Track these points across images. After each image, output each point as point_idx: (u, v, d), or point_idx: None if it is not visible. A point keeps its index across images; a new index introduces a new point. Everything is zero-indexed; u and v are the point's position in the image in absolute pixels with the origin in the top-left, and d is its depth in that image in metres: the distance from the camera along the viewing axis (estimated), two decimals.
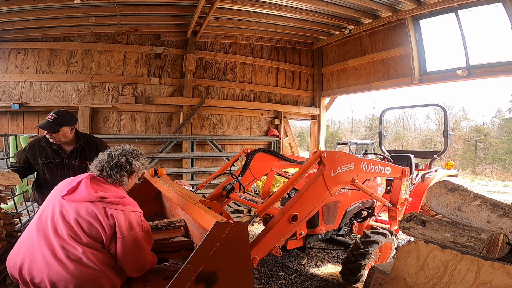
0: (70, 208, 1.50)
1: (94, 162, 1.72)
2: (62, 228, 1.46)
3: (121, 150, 1.76)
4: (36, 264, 1.42)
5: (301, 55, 8.05)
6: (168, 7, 5.36)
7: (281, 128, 7.59)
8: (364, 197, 3.07)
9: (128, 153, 1.76)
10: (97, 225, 1.47)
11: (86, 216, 1.47)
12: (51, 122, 2.43)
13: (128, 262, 1.54)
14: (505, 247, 1.76)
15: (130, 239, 1.52)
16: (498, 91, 48.18)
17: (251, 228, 4.45)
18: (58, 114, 2.46)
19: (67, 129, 2.50)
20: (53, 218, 1.50)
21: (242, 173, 3.08)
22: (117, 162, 1.68)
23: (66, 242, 1.43)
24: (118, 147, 1.80)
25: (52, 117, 2.43)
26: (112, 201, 1.52)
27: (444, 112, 4.15)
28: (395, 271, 1.92)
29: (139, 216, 1.61)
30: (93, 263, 1.43)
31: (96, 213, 1.48)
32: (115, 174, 1.67)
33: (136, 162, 1.76)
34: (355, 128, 35.87)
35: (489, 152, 21.89)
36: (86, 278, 1.41)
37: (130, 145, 1.84)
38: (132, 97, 6.17)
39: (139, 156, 1.81)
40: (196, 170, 6.54)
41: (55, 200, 1.57)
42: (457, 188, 2.19)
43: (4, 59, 5.43)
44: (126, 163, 1.71)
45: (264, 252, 2.07)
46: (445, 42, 5.60)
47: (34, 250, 1.45)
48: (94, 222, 1.47)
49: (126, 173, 1.71)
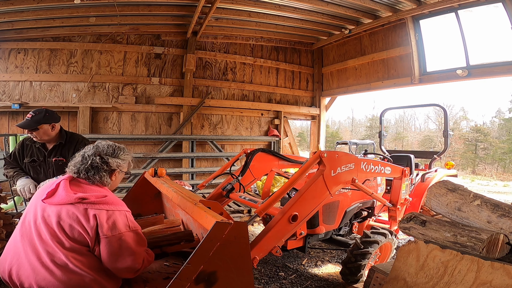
0: (51, 212, 1.42)
1: (70, 164, 1.62)
2: (45, 233, 1.39)
3: (94, 149, 1.63)
4: (24, 269, 1.37)
5: (301, 55, 8.05)
6: (168, 7, 5.36)
7: (281, 128, 7.59)
8: (364, 197, 3.07)
9: (103, 151, 1.64)
10: (79, 227, 1.39)
11: (67, 219, 1.40)
12: (29, 121, 2.45)
13: (115, 264, 1.44)
14: (505, 247, 1.76)
15: (115, 240, 1.42)
16: (498, 91, 48.23)
17: (251, 228, 4.45)
18: (36, 112, 2.49)
19: (47, 127, 2.50)
20: (35, 222, 1.44)
21: (242, 173, 3.08)
22: (92, 164, 1.57)
23: (50, 247, 1.37)
24: (92, 145, 1.68)
25: (30, 116, 2.46)
26: (93, 201, 1.43)
27: (444, 112, 4.15)
28: (395, 271, 1.92)
29: (125, 215, 1.51)
30: (80, 268, 1.37)
31: (77, 215, 1.40)
32: (93, 176, 1.57)
33: (114, 159, 1.64)
34: (355, 128, 35.87)
35: (489, 152, 21.89)
36: (75, 284, 1.35)
37: (107, 141, 1.72)
38: (132, 97, 6.17)
39: (116, 152, 1.68)
40: (196, 170, 6.54)
41: (36, 204, 1.50)
42: (457, 188, 2.19)
43: (4, 59, 5.43)
44: (102, 163, 1.59)
45: (264, 252, 2.07)
46: (445, 42, 5.61)
47: (20, 255, 1.41)
48: (76, 225, 1.39)
49: (106, 172, 1.60)
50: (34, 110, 2.52)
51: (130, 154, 1.80)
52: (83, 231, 1.40)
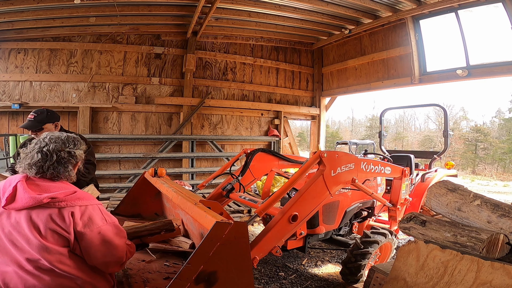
0: (19, 218, 1.30)
1: (23, 163, 1.43)
2: (20, 241, 1.28)
3: (54, 144, 1.46)
4: (11, 278, 1.28)
5: (301, 55, 8.05)
6: (168, 7, 5.36)
7: (281, 128, 7.59)
8: (364, 197, 3.07)
9: (65, 144, 1.49)
10: (56, 228, 1.30)
11: (41, 222, 1.29)
12: (33, 121, 2.45)
13: (100, 260, 1.38)
14: (505, 247, 1.76)
15: (94, 235, 1.35)
16: (498, 91, 48.18)
17: (251, 228, 4.45)
18: (38, 112, 2.49)
19: (50, 126, 2.52)
20: (3, 231, 1.31)
21: (242, 173, 3.08)
22: (59, 159, 1.43)
23: (30, 254, 1.27)
24: (45, 140, 1.48)
25: (32, 116, 2.46)
26: (63, 199, 1.32)
27: (444, 112, 4.15)
28: (395, 271, 1.92)
29: (98, 208, 1.42)
30: (67, 272, 1.30)
31: (51, 216, 1.29)
32: (61, 171, 1.43)
33: (78, 151, 1.52)
34: (355, 128, 35.87)
35: (489, 152, 21.89)
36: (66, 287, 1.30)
37: (54, 133, 1.55)
38: (132, 97, 6.17)
39: (76, 143, 1.54)
40: (196, 170, 6.54)
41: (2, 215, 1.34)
42: (457, 188, 2.19)
43: (4, 59, 5.43)
44: (69, 156, 1.47)
45: (264, 252, 2.07)
46: (445, 42, 5.60)
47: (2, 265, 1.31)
48: (52, 226, 1.29)
49: (72, 166, 1.49)
50: (35, 110, 2.51)
51: (84, 144, 1.63)
52: (62, 231, 1.30)
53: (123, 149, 6.09)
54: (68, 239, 1.32)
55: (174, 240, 2.24)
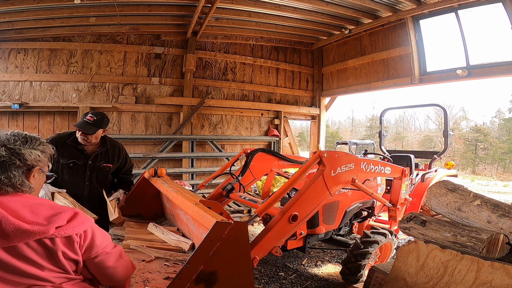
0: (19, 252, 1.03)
1: None
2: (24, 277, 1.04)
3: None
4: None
5: (301, 55, 8.05)
6: (168, 7, 5.36)
7: (281, 128, 7.59)
8: (364, 197, 3.07)
9: (8, 141, 1.11)
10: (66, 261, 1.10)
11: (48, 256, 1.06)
12: (90, 124, 2.39)
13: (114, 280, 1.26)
14: (505, 247, 1.76)
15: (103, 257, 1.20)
16: (498, 91, 48.20)
17: (251, 228, 4.46)
18: (98, 116, 2.44)
19: (100, 132, 2.49)
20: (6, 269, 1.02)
21: (242, 173, 3.08)
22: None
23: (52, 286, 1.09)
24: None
25: (91, 119, 2.40)
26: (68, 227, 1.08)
27: (444, 112, 4.15)
28: (395, 271, 1.92)
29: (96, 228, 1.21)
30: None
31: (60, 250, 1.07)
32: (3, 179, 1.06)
33: (29, 150, 1.13)
34: (355, 128, 35.87)
35: (489, 152, 21.89)
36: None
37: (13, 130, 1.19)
38: (132, 97, 6.17)
39: (30, 141, 1.16)
40: (196, 170, 6.54)
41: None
42: (457, 188, 2.19)
43: (4, 59, 5.43)
44: (11, 155, 1.08)
45: (264, 252, 2.07)
46: (445, 42, 5.61)
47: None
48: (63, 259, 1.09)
49: (18, 170, 1.09)
50: (94, 112, 2.47)
51: (49, 146, 1.25)
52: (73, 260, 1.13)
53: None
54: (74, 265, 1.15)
55: (174, 240, 2.24)
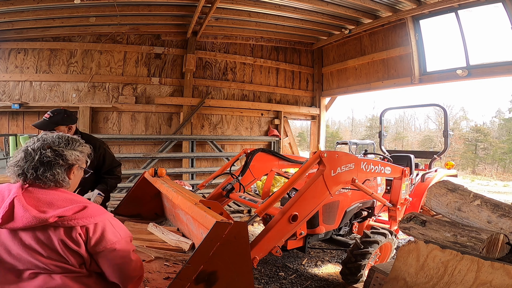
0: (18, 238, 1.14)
1: (10, 164, 1.27)
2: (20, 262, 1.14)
3: (41, 142, 1.28)
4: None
5: (301, 55, 8.05)
6: (168, 7, 5.36)
7: (281, 128, 7.59)
8: (364, 197, 3.07)
9: (54, 143, 1.28)
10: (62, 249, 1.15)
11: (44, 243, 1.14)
12: (47, 121, 2.36)
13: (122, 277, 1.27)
14: (505, 247, 1.76)
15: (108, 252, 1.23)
16: (498, 91, 48.19)
17: (251, 228, 4.45)
18: (55, 113, 2.39)
19: (63, 128, 2.42)
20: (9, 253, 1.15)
21: (242, 173, 3.08)
22: (41, 159, 1.22)
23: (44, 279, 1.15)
24: (36, 138, 1.31)
25: (48, 116, 2.37)
26: (72, 217, 1.15)
27: (444, 112, 4.15)
28: (395, 271, 1.92)
29: (110, 223, 1.27)
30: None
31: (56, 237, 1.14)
32: (43, 174, 1.21)
33: (70, 151, 1.31)
34: (355, 128, 35.87)
35: (489, 152, 21.90)
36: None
37: (54, 132, 1.41)
38: (132, 97, 6.17)
39: (71, 143, 1.34)
40: (196, 170, 6.54)
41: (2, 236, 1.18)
42: (457, 188, 2.19)
43: (4, 59, 5.43)
44: (55, 156, 1.25)
45: (264, 252, 2.07)
46: (445, 42, 5.60)
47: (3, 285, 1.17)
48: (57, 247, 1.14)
49: (61, 168, 1.26)
50: (53, 110, 2.42)
51: (87, 146, 1.44)
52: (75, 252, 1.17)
53: (123, 149, 6.09)
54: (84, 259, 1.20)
55: (174, 240, 2.25)
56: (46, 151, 1.25)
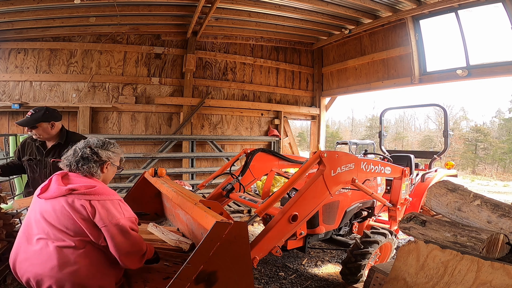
0: (47, 207, 1.49)
1: (63, 158, 1.70)
2: (44, 227, 1.46)
3: (85, 143, 1.72)
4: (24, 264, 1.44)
5: (301, 55, 8.05)
6: (168, 7, 5.36)
7: (281, 128, 7.59)
8: (364, 197, 3.07)
9: (93, 144, 1.72)
10: (75, 218, 1.44)
11: (61, 212, 1.45)
12: (28, 118, 2.44)
13: (122, 252, 1.49)
14: (505, 247, 1.76)
15: (114, 228, 1.47)
16: (498, 91, 48.20)
17: (251, 228, 4.45)
18: (36, 110, 2.47)
19: (46, 125, 2.47)
20: (35, 219, 1.50)
21: (242, 173, 3.08)
22: (82, 155, 1.65)
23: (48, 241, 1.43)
24: (83, 140, 1.76)
25: (30, 114, 2.45)
26: (82, 192, 1.48)
27: (444, 112, 4.15)
28: (395, 271, 1.92)
29: (117, 203, 1.56)
30: (78, 261, 1.41)
31: (69, 207, 1.45)
32: (82, 166, 1.63)
33: (104, 151, 1.71)
34: (355, 128, 35.87)
35: (489, 152, 21.90)
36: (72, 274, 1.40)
37: (99, 137, 1.81)
38: (132, 97, 6.17)
39: (106, 145, 1.75)
40: (196, 170, 6.54)
41: (34, 201, 1.58)
42: (457, 188, 2.19)
43: (4, 59, 5.43)
44: (92, 153, 1.66)
45: (264, 252, 2.07)
46: (445, 42, 5.60)
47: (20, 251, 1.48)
48: (72, 216, 1.44)
49: (95, 163, 1.66)
50: (35, 108, 2.50)
51: (121, 149, 1.84)
52: (78, 221, 1.44)
53: (123, 149, 5.98)
54: (86, 230, 1.45)
55: (174, 240, 2.24)
56: (86, 149, 1.67)
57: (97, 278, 1.45)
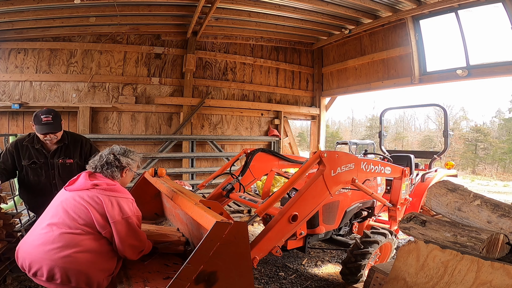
0: (69, 196, 1.73)
1: (90, 162, 1.95)
2: (59, 213, 1.67)
3: (110, 150, 1.99)
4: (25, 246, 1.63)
5: (301, 55, 8.05)
6: (168, 7, 5.35)
7: (281, 128, 7.59)
8: (364, 197, 3.07)
9: (116, 151, 1.98)
10: (90, 209, 1.66)
11: (79, 202, 1.68)
12: (53, 123, 2.41)
13: (126, 244, 1.69)
14: (505, 247, 1.76)
15: (124, 222, 1.69)
16: (498, 91, 48.19)
17: (251, 228, 4.46)
18: (52, 113, 2.44)
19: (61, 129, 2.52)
20: (55, 205, 1.75)
21: (242, 173, 3.08)
22: (107, 160, 1.91)
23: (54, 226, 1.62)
24: (108, 148, 2.01)
25: (50, 118, 2.40)
26: (104, 188, 1.73)
27: (444, 112, 4.15)
28: (395, 271, 1.92)
29: (131, 202, 1.79)
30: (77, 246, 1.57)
31: (90, 199, 1.68)
32: (106, 170, 1.89)
33: (124, 158, 1.96)
34: (355, 128, 35.86)
35: (489, 152, 21.89)
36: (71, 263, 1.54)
37: (121, 146, 2.06)
38: (132, 97, 6.17)
39: (127, 153, 2.01)
40: (196, 170, 6.54)
41: (61, 193, 1.82)
42: (457, 188, 2.19)
43: (4, 59, 5.43)
44: (114, 159, 1.92)
45: (264, 252, 2.07)
46: (445, 42, 5.60)
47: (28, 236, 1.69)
48: (87, 206, 1.66)
49: (117, 168, 1.91)
50: (48, 110, 2.45)
51: (139, 156, 2.12)
52: (93, 213, 1.66)
53: None
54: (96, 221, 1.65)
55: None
56: (110, 156, 1.94)
57: (90, 267, 1.58)
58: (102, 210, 1.67)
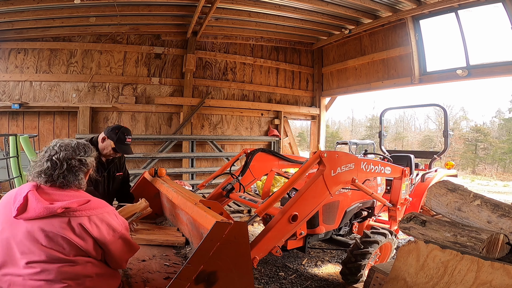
0: (30, 227, 1.27)
1: (31, 171, 1.42)
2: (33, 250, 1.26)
3: (65, 152, 1.44)
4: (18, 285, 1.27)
5: (301, 55, 8.05)
6: (168, 7, 5.36)
7: (281, 128, 7.59)
8: (364, 197, 3.07)
9: (75, 152, 1.47)
10: (69, 239, 1.28)
11: (54, 233, 1.27)
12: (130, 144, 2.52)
13: (123, 260, 1.49)
14: (505, 247, 1.76)
15: (117, 241, 1.41)
16: (498, 91, 48.14)
17: (251, 228, 4.45)
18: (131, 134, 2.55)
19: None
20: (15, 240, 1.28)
21: (242, 173, 3.08)
22: (69, 168, 1.41)
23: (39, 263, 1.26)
24: (54, 147, 1.45)
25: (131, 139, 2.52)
26: (76, 209, 1.31)
27: (444, 112, 4.15)
28: (395, 271, 1.92)
29: (113, 214, 1.46)
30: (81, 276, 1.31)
31: (65, 227, 1.28)
32: (72, 180, 1.41)
33: (88, 158, 1.51)
34: (355, 128, 35.85)
35: (489, 152, 21.88)
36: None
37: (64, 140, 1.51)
38: (132, 97, 6.17)
39: (87, 150, 1.53)
40: (196, 170, 6.54)
41: (6, 223, 1.31)
42: (457, 188, 2.19)
43: (4, 59, 5.43)
44: (81, 164, 1.46)
45: (264, 252, 2.07)
46: (445, 42, 5.61)
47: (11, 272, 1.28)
48: (63, 237, 1.28)
49: (83, 174, 1.48)
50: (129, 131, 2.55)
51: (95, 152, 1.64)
52: (74, 241, 1.30)
53: None
54: (84, 248, 1.32)
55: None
56: (72, 160, 1.43)
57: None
58: (87, 235, 1.32)
